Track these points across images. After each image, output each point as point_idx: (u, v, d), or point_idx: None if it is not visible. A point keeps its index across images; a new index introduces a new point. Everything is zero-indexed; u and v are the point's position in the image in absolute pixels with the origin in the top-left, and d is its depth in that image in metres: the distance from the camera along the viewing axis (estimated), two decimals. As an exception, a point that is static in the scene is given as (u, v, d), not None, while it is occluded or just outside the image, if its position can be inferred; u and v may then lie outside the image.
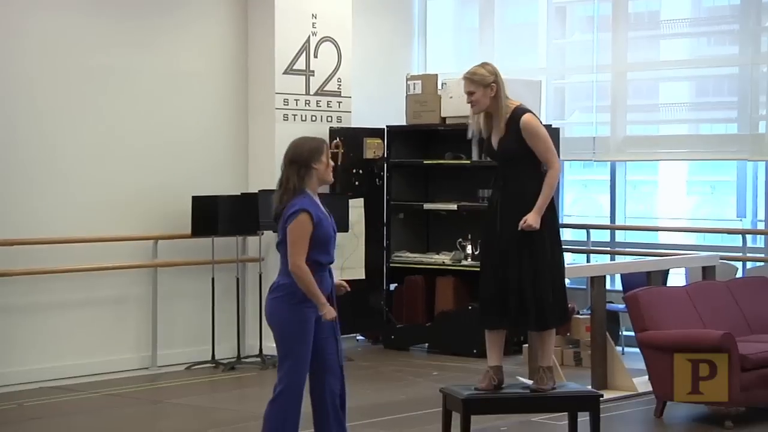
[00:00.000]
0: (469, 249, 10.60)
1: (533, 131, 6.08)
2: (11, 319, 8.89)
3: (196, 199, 9.62)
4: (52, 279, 9.10)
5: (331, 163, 5.73)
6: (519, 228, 5.98)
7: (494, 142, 6.15)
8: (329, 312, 5.48)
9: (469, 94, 6.13)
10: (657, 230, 11.32)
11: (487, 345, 6.21)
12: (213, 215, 9.55)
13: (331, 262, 5.61)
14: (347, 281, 5.91)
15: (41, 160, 9.15)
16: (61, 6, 9.30)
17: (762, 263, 10.08)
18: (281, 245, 5.56)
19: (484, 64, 6.23)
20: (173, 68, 9.95)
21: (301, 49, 10.37)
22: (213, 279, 9.77)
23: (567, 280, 10.84)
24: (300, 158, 5.59)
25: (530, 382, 6.25)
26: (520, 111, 6.12)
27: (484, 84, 6.09)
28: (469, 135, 6.35)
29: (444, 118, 10.71)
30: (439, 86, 10.77)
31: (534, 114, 6.20)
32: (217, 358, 9.74)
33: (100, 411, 8.21)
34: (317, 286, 5.45)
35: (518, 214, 6.02)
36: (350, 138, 10.53)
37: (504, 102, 6.13)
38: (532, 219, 5.98)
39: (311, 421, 5.61)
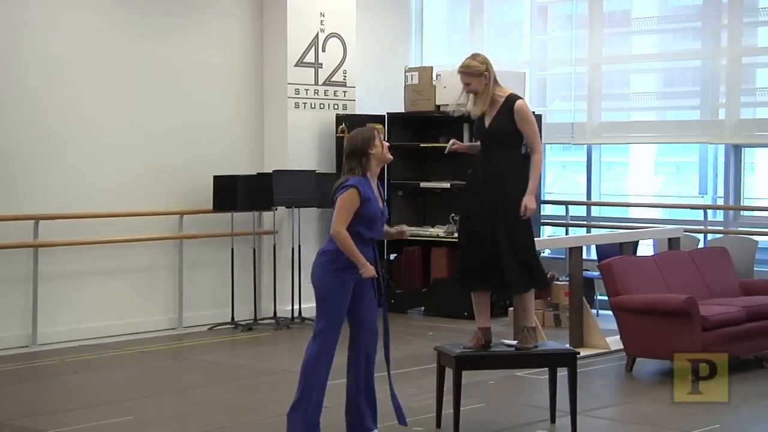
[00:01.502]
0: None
1: (525, 116, 6.06)
2: (54, 285, 8.91)
3: (217, 178, 9.61)
4: (90, 249, 9.12)
5: (386, 143, 5.73)
6: (523, 215, 5.92)
7: (486, 122, 6.13)
8: (368, 270, 5.47)
9: (467, 85, 6.09)
10: (628, 206, 11.32)
11: (474, 308, 6.22)
12: (232, 193, 9.55)
13: (373, 239, 5.60)
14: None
15: (80, 145, 9.14)
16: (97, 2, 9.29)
17: (721, 235, 10.08)
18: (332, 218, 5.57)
19: (474, 56, 6.16)
20: (197, 60, 9.93)
21: (310, 44, 10.35)
22: (232, 250, 9.79)
23: (548, 251, 10.93)
24: (356, 149, 5.61)
25: (514, 342, 6.25)
26: (513, 97, 6.10)
27: (477, 74, 6.06)
28: (450, 110, 6.33)
29: (438, 106, 10.68)
30: (434, 77, 10.74)
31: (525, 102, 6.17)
32: (236, 319, 9.76)
33: (132, 366, 8.24)
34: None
35: (499, 190, 5.97)
36: (354, 124, 10.46)
37: (495, 87, 6.08)
38: (529, 202, 5.93)
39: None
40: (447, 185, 10.71)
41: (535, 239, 6.40)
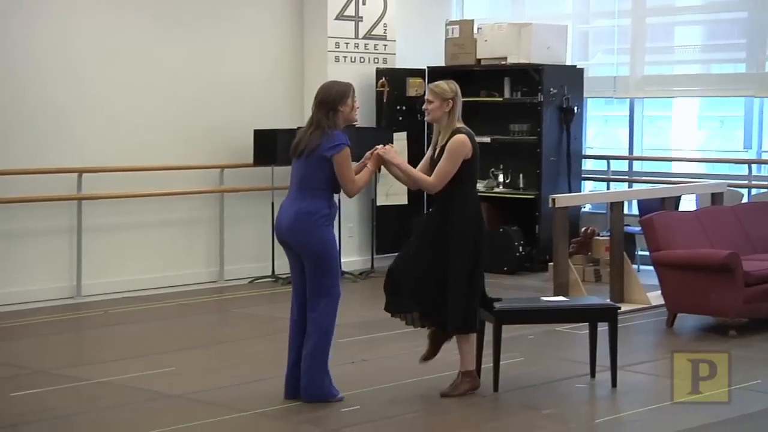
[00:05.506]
0: (500, 178, 10.54)
1: (448, 148, 5.70)
2: (97, 238, 8.97)
3: (257, 133, 9.60)
4: (133, 203, 9.17)
5: (357, 105, 5.69)
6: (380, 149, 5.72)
7: (436, 153, 5.84)
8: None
9: (428, 102, 5.81)
10: (671, 160, 11.17)
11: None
12: (272, 147, 9.53)
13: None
14: (392, 206, 5.89)
15: (122, 100, 9.15)
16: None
17: (765, 190, 9.92)
18: (317, 173, 5.54)
19: (448, 82, 5.88)
20: (239, 17, 9.89)
21: (350, -4, 10.28)
22: (272, 203, 9.78)
23: (588, 206, 10.81)
24: (328, 101, 5.58)
25: (557, 298, 6.12)
26: (457, 130, 5.75)
27: (442, 98, 5.77)
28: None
29: (479, 60, 10.58)
30: (475, 31, 10.62)
31: (470, 138, 5.74)
32: (276, 273, 9.79)
33: (174, 318, 8.29)
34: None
35: (451, 231, 5.67)
36: (394, 78, 10.44)
37: (453, 120, 5.78)
38: (391, 152, 5.73)
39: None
40: (487, 140, 10.60)
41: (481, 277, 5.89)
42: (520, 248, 10.21)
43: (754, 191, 10.01)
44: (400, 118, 10.50)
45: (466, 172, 5.75)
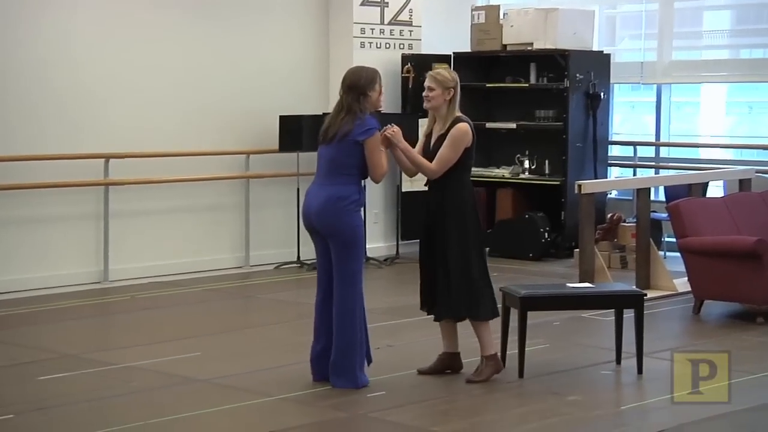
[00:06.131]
0: (526, 164, 10.50)
1: (451, 137, 5.72)
2: (124, 223, 9.02)
3: (283, 119, 9.61)
4: (160, 188, 9.22)
5: (383, 91, 5.68)
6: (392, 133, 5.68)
7: (431, 142, 5.83)
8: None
9: (429, 89, 5.80)
10: (698, 146, 11.10)
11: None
12: (298, 132, 9.55)
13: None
14: (417, 192, 5.90)
15: (149, 86, 9.19)
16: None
17: (794, 176, 9.84)
18: (348, 158, 5.54)
19: (449, 70, 5.92)
20: (265, 4, 9.90)
21: (376, -18, 10.26)
22: (298, 189, 9.79)
23: (615, 192, 10.76)
24: (357, 85, 5.57)
25: (583, 285, 6.12)
26: (457, 120, 5.77)
27: (444, 86, 5.76)
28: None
29: (505, 45, 10.54)
30: (501, 16, 10.57)
31: (470, 126, 5.78)
32: (301, 259, 9.81)
33: (200, 304, 8.34)
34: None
35: (438, 218, 5.76)
36: (420, 63, 10.39)
37: (454, 110, 5.79)
38: (398, 135, 5.68)
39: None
40: (513, 126, 10.59)
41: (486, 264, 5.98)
42: (546, 234, 10.18)
43: (782, 177, 9.92)
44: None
45: (465, 161, 5.80)
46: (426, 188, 5.96)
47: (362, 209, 5.73)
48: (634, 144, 10.98)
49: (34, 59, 8.57)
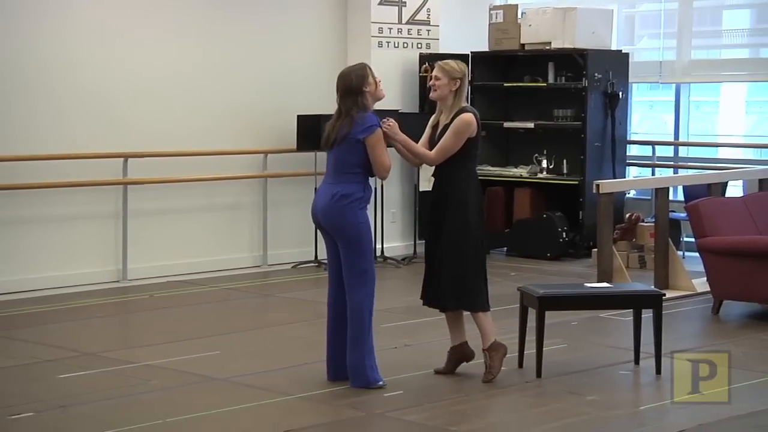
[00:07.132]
0: (544, 163, 10.49)
1: (453, 126, 5.74)
2: (143, 222, 9.06)
3: (300, 118, 9.63)
4: (178, 187, 9.26)
5: (379, 80, 5.68)
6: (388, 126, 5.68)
7: (437, 133, 5.87)
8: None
9: (436, 78, 5.81)
10: (717, 146, 11.06)
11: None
12: (315, 132, 9.51)
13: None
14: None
15: (168, 86, 9.23)
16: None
17: (814, 176, 9.78)
18: (351, 156, 5.57)
19: (457, 62, 5.90)
20: (283, 3, 9.92)
21: (394, -19, 10.27)
22: (315, 189, 9.79)
23: (633, 192, 10.73)
24: (351, 88, 5.59)
25: (601, 284, 6.11)
26: (462, 110, 5.78)
27: (451, 76, 5.77)
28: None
29: (523, 45, 10.53)
30: (519, 15, 10.56)
31: (476, 117, 5.79)
32: (319, 258, 9.83)
33: (219, 302, 8.37)
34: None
35: (442, 208, 5.80)
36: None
37: (460, 101, 5.80)
38: (395, 128, 5.68)
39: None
40: (531, 125, 10.58)
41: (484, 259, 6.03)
42: (564, 234, 10.17)
43: (802, 177, 9.86)
44: (444, 104, 10.46)
45: (470, 150, 5.81)
46: (430, 189, 5.99)
47: (369, 206, 5.72)
48: (653, 143, 10.95)
49: (54, 58, 8.62)
